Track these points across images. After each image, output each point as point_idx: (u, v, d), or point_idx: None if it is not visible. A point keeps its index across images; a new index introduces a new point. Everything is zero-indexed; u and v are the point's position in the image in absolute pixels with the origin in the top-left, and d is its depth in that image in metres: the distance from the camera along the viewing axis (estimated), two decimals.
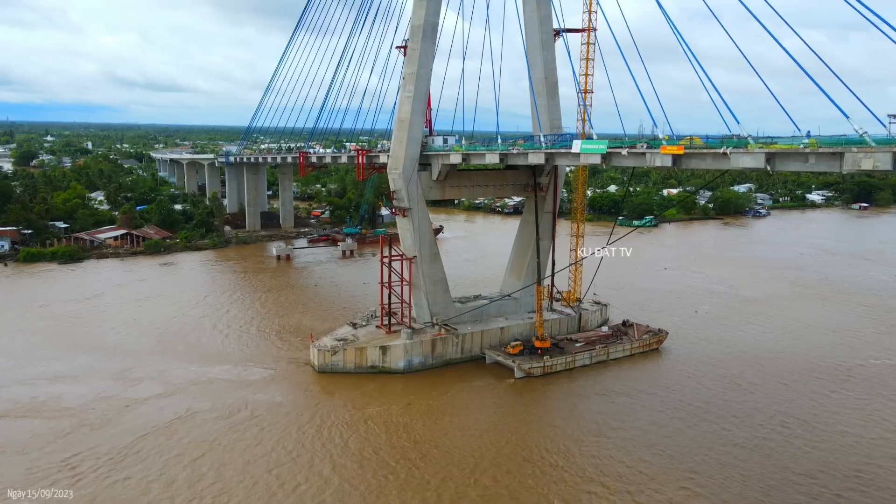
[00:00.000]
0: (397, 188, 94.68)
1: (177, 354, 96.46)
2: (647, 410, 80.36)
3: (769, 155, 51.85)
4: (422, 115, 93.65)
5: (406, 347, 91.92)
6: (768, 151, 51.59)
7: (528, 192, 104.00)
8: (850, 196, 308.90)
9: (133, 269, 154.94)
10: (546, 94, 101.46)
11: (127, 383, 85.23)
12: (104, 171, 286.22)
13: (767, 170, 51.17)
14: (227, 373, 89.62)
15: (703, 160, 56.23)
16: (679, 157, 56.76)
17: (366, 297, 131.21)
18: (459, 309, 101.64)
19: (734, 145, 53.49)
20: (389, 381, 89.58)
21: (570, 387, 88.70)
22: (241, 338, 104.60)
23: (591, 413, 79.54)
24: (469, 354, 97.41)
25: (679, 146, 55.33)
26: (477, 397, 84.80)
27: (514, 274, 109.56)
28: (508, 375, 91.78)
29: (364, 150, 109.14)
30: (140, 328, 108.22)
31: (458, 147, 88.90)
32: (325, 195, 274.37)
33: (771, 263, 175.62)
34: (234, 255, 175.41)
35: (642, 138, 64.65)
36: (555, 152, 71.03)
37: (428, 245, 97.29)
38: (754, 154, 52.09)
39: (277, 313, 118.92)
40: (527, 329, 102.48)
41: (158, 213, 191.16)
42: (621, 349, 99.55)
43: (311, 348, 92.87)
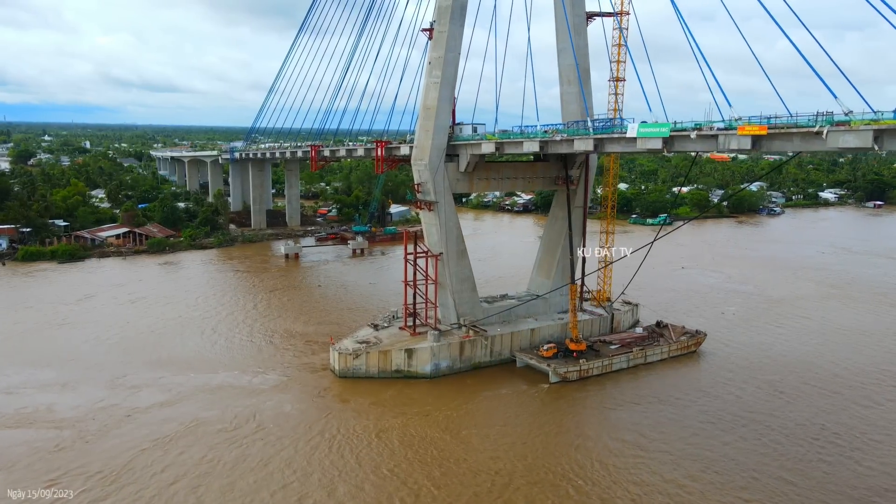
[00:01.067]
0: (423, 180, 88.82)
1: (175, 360, 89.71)
2: (688, 420, 74.28)
3: (877, 132, 45.64)
4: (449, 103, 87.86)
5: (433, 350, 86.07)
6: (877, 128, 45.39)
7: (559, 185, 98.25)
8: (862, 194, 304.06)
9: (135, 268, 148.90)
10: (577, 82, 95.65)
11: (123, 392, 78.53)
12: (104, 168, 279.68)
13: (875, 149, 45.19)
14: (234, 379, 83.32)
15: (789, 142, 50.04)
16: (759, 139, 50.85)
17: (378, 297, 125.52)
18: (487, 309, 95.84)
19: (830, 122, 47.51)
20: (414, 386, 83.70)
21: (607, 393, 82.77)
22: (247, 341, 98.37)
23: (631, 423, 73.26)
24: (498, 357, 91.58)
25: (761, 125, 49.43)
26: (508, 405, 78.76)
27: (543, 272, 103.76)
28: (542, 380, 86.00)
29: (383, 141, 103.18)
30: (135, 331, 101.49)
31: (490, 135, 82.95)
32: (330, 193, 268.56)
33: (792, 263, 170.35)
34: (239, 253, 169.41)
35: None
36: (605, 138, 64.99)
37: (455, 241, 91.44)
38: (859, 132, 45.88)
39: (287, 315, 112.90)
40: (558, 330, 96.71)
41: (161, 211, 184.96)
42: (659, 352, 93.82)
43: (331, 351, 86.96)
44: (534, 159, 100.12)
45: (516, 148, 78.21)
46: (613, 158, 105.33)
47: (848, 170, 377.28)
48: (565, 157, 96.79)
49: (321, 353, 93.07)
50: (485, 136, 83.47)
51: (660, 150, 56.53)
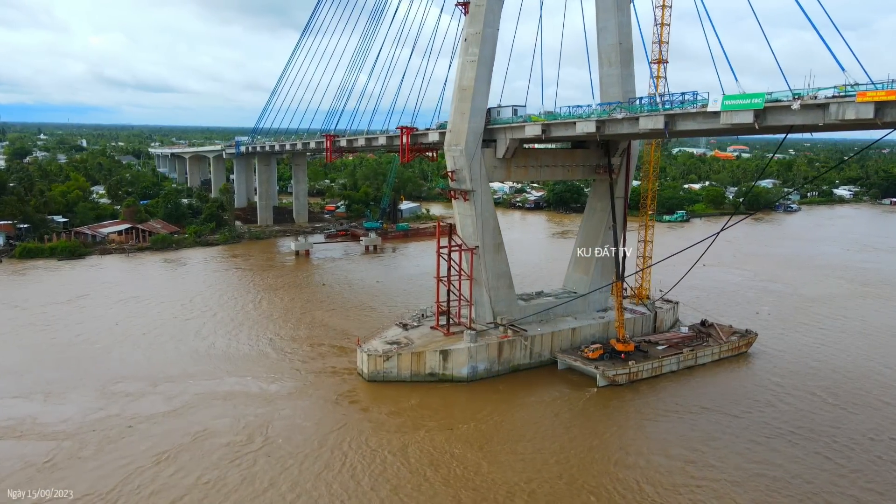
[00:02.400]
0: (458, 167, 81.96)
1: (175, 365, 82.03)
2: (744, 432, 66.59)
3: None
4: (487, 83, 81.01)
5: (470, 352, 79.20)
6: None
7: (600, 174, 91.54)
8: (878, 191, 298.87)
9: (136, 265, 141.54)
10: (619, 63, 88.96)
11: (118, 401, 70.67)
12: (103, 164, 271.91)
13: None
14: (244, 386, 75.99)
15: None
16: (884, 107, 43.73)
17: (401, 296, 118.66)
18: (523, 307, 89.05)
19: None
20: (450, 391, 76.81)
21: (657, 399, 75.59)
22: (260, 343, 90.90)
23: (682, 435, 65.54)
24: (538, 359, 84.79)
25: (889, 90, 42.48)
26: (549, 413, 71.24)
27: (581, 268, 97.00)
28: (587, 384, 79.27)
29: (409, 128, 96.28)
30: (131, 333, 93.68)
31: (535, 117, 76.00)
32: (338, 190, 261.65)
33: (817, 260, 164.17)
34: (247, 250, 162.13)
35: None
36: (679, 114, 57.84)
37: (491, 233, 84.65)
38: None
39: (300, 315, 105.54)
40: (599, 330, 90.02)
41: (165, 207, 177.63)
42: (710, 353, 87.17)
43: (359, 353, 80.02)
44: (571, 146, 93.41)
45: (567, 130, 71.21)
46: (654, 146, 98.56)
47: (856, 167, 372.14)
48: (607, 144, 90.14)
49: (340, 355, 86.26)
50: (529, 118, 76.53)
51: (750, 124, 49.73)
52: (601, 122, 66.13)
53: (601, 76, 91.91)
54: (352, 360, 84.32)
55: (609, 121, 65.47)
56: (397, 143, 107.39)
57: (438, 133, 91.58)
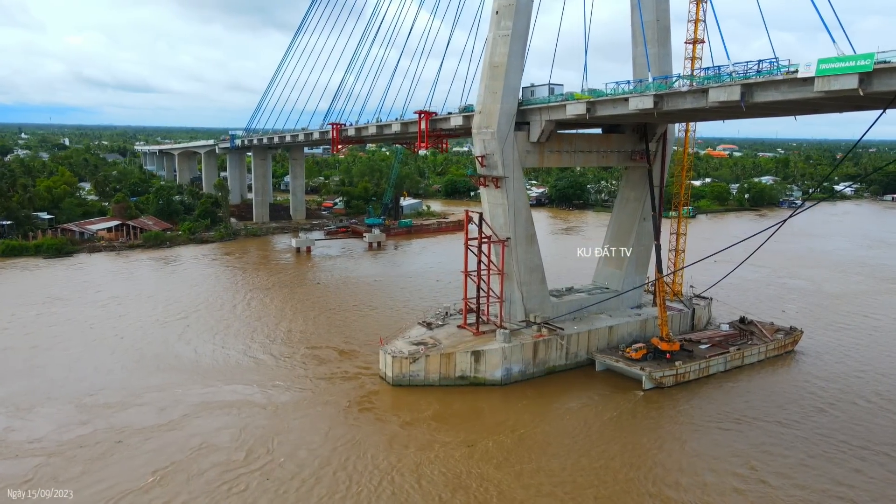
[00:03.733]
0: (489, 151, 75.25)
1: (160, 371, 74.41)
2: (804, 444, 59.96)
3: None
4: (521, 59, 74.46)
5: (504, 353, 72.55)
6: None
7: (637, 161, 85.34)
8: (878, 187, 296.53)
9: (126, 263, 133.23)
10: (657, 42, 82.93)
11: (97, 414, 62.89)
12: (89, 161, 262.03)
13: None
14: (242, 394, 68.43)
15: None
16: None
17: (413, 293, 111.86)
18: (556, 304, 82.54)
19: None
20: (482, 396, 70.11)
21: (707, 404, 69.11)
22: (253, 347, 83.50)
23: (739, 450, 58.50)
24: (574, 360, 78.39)
25: None
26: (592, 420, 64.38)
27: (613, 263, 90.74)
28: (629, 386, 72.96)
29: (428, 112, 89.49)
30: (107, 337, 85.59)
31: (579, 94, 69.38)
32: (335, 186, 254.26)
33: (832, 256, 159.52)
34: (244, 248, 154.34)
35: None
36: (759, 83, 50.75)
37: (524, 224, 78.07)
38: None
39: (306, 315, 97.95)
40: (636, 328, 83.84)
41: (156, 203, 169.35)
42: (756, 352, 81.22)
43: (382, 355, 73.11)
44: (604, 131, 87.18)
45: (616, 108, 64.58)
46: (688, 131, 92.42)
47: (849, 164, 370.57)
48: (645, 129, 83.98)
49: (353, 358, 79.39)
50: (571, 96, 69.91)
51: (853, 90, 43.46)
52: (660, 97, 59.56)
53: (634, 57, 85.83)
54: (360, 363, 77.56)
55: (670, 94, 58.91)
56: (412, 130, 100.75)
57: (463, 117, 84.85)
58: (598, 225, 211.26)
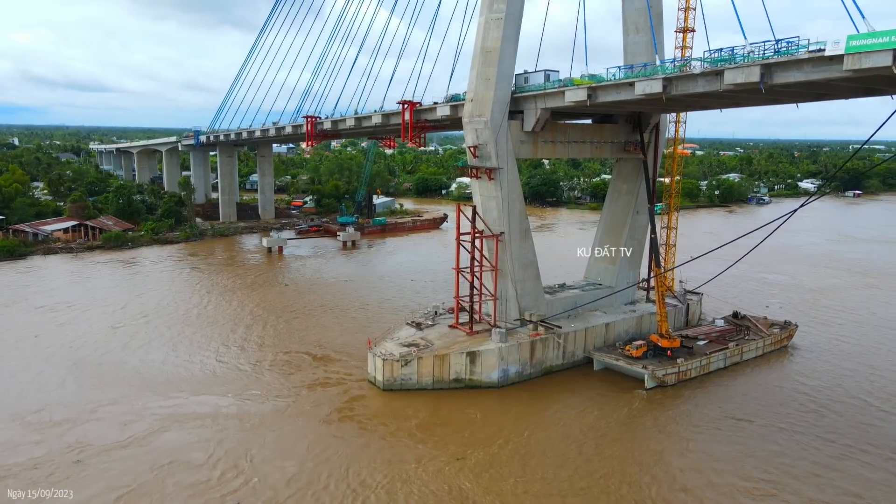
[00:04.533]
0: (482, 141, 71.38)
1: (117, 383, 68.12)
2: (811, 450, 56.80)
3: None
4: (514, 44, 70.80)
5: (501, 353, 68.77)
6: None
7: (631, 152, 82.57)
8: (839, 184, 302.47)
9: (83, 266, 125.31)
10: (649, 29, 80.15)
11: (50, 431, 57.07)
12: (41, 160, 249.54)
13: None
14: (211, 405, 62.92)
15: None
16: None
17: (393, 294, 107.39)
18: (550, 302, 79.13)
19: None
20: (478, 400, 66.15)
21: (710, 403, 66.49)
22: (230, 353, 78.57)
23: (747, 456, 55.26)
24: (571, 359, 75.14)
25: None
26: (594, 424, 60.93)
27: (606, 258, 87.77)
28: (630, 386, 70.05)
29: (412, 103, 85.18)
30: (54, 347, 78.19)
31: (579, 80, 65.89)
32: (304, 185, 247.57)
33: (805, 251, 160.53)
34: (211, 248, 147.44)
35: None
36: (780, 63, 47.70)
37: (518, 217, 74.38)
38: None
39: (282, 320, 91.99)
40: (632, 325, 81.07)
41: (116, 203, 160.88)
42: (754, 347, 79.22)
43: (371, 358, 68.63)
44: (595, 121, 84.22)
45: (621, 93, 61.22)
46: (679, 120, 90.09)
47: (808, 162, 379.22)
48: (639, 118, 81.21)
49: (334, 363, 74.84)
50: (570, 81, 66.41)
51: (887, 67, 41.01)
52: (669, 81, 56.38)
53: (626, 45, 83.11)
54: (343, 368, 73.08)
55: (680, 78, 55.71)
56: (394, 122, 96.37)
57: (450, 106, 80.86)
58: (571, 222, 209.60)
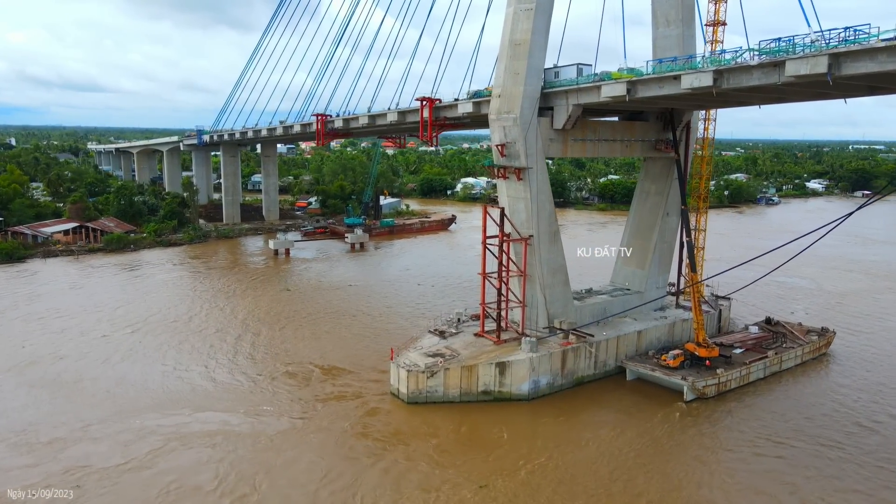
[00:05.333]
0: (510, 139, 67.57)
1: (114, 397, 63.47)
2: (874, 478, 52.36)
3: None
4: (545, 36, 67.05)
5: (532, 363, 64.94)
6: None
7: (661, 151, 78.85)
8: (847, 184, 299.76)
9: (85, 269, 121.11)
10: (681, 21, 76.62)
11: (42, 451, 52.74)
12: (39, 160, 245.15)
13: None
14: (218, 423, 58.54)
15: None
16: None
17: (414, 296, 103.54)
18: (579, 308, 75.35)
19: None
20: (506, 414, 62.32)
21: (752, 418, 62.24)
22: (239, 365, 74.52)
23: (805, 485, 50.96)
24: (602, 369, 71.33)
25: None
26: (638, 440, 57.18)
27: (633, 261, 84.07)
28: (665, 397, 66.29)
29: (431, 99, 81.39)
30: (52, 356, 73.84)
31: (617, 73, 62.12)
32: (307, 185, 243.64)
33: (821, 252, 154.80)
34: (216, 251, 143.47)
35: None
36: (850, 52, 43.99)
37: (547, 219, 70.65)
38: None
39: (294, 329, 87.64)
40: (664, 332, 77.36)
41: (118, 204, 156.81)
42: (794, 356, 75.51)
43: (394, 369, 64.77)
44: (621, 119, 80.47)
45: (664, 87, 57.36)
46: (709, 118, 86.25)
47: (812, 162, 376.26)
48: (671, 115, 77.48)
49: (351, 374, 70.78)
50: (608, 76, 62.62)
51: None
52: (720, 74, 52.56)
53: (655, 39, 79.29)
54: (362, 379, 69.07)
55: (733, 70, 51.84)
56: (410, 120, 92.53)
57: (472, 103, 77.02)
58: (580, 223, 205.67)
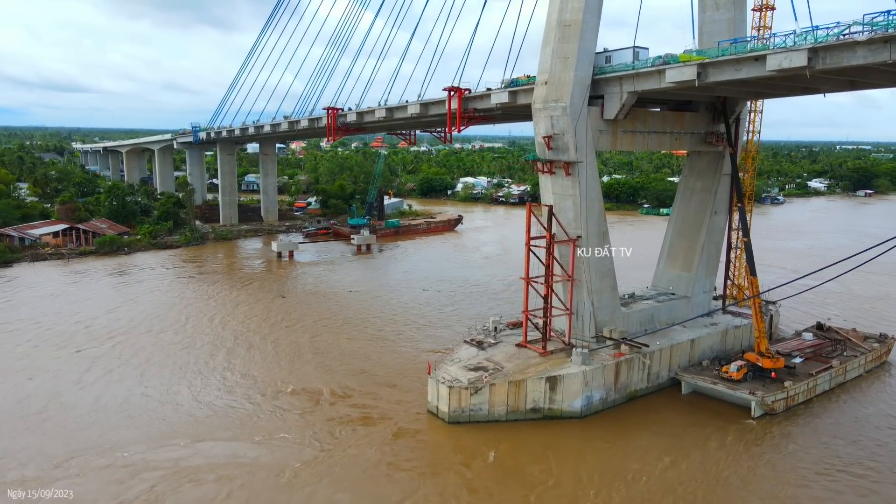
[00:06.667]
0: (559, 130, 61.29)
1: (94, 424, 55.63)
2: None
3: None
4: (598, 17, 60.96)
5: (585, 377, 58.73)
6: None
7: (712, 144, 73.05)
8: (848, 183, 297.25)
9: (75, 274, 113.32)
10: (731, 5, 70.78)
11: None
12: (24, 159, 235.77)
13: None
14: (224, 454, 51.07)
15: None
16: None
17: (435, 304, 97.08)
18: (626, 315, 69.26)
19: None
20: (556, 434, 56.12)
21: (826, 435, 56.87)
22: (238, 388, 67.70)
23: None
24: (655, 382, 65.27)
25: None
26: (706, 471, 50.83)
27: (678, 263, 78.17)
28: (728, 413, 60.49)
29: (461, 89, 75.03)
30: (21, 375, 65.95)
31: (686, 55, 55.92)
32: (308, 185, 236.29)
33: (837, 253, 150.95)
34: (214, 253, 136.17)
35: None
36: None
37: (596, 219, 64.40)
38: None
39: (301, 341, 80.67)
40: (717, 340, 71.50)
41: (109, 205, 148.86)
42: (857, 365, 69.92)
43: (433, 384, 58.30)
44: (664, 109, 74.45)
45: (741, 70, 50.74)
46: (756, 110, 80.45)
47: (807, 162, 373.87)
48: (723, 105, 71.63)
49: (375, 392, 63.93)
50: (674, 58, 56.42)
51: None
52: (816, 52, 46.41)
53: (701, 23, 73.40)
54: (374, 401, 61.81)
55: (833, 48, 45.75)
56: (433, 112, 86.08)
57: (508, 93, 70.73)
58: None
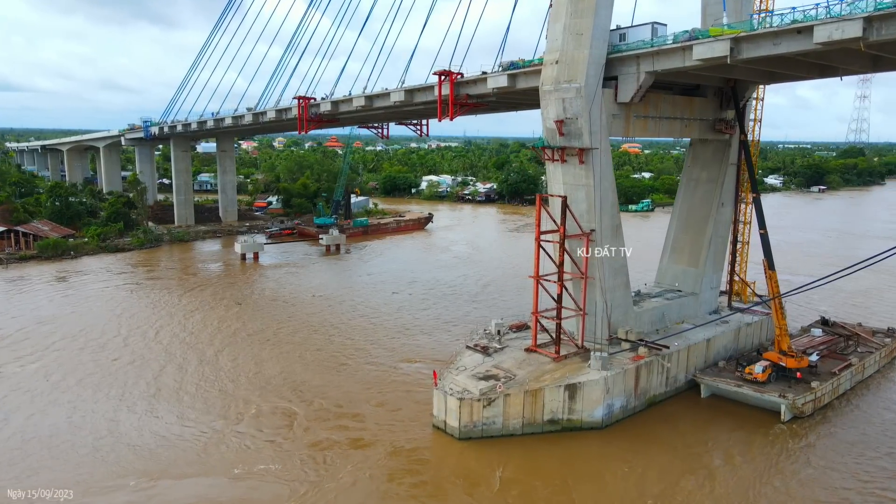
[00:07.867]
0: (572, 114, 55.92)
1: (54, 460, 48.36)
2: None
3: None
4: None
5: (607, 384, 53.54)
6: None
7: (720, 131, 69.08)
8: (802, 180, 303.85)
9: (12, 282, 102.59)
10: None
11: None
12: None
13: None
14: (206, 494, 44.27)
15: None
16: None
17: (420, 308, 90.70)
18: (638, 315, 64.49)
19: None
20: (575, 448, 50.90)
21: (858, 438, 53.49)
22: (193, 412, 60.72)
23: None
24: (673, 385, 60.69)
25: None
26: (746, 487, 46.33)
27: (683, 258, 73.99)
28: (754, 417, 56.58)
29: (452, 73, 69.03)
30: None
31: (717, 29, 50.99)
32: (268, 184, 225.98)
33: (809, 248, 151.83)
34: (170, 256, 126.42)
35: None
36: None
37: (610, 211, 59.35)
38: None
39: (274, 354, 73.79)
40: (731, 339, 67.51)
41: (52, 206, 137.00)
42: (874, 361, 66.99)
43: (440, 397, 52.18)
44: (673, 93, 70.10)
45: (781, 44, 46.12)
46: (758, 97, 76.98)
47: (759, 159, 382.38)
48: (733, 90, 67.65)
49: (369, 411, 57.34)
50: (703, 33, 51.60)
51: None
52: (870, 22, 42.05)
53: (704, 5, 69.43)
54: (350, 426, 54.22)
55: (892, 16, 41.71)
56: (418, 100, 79.79)
57: (507, 76, 65.12)
58: None
